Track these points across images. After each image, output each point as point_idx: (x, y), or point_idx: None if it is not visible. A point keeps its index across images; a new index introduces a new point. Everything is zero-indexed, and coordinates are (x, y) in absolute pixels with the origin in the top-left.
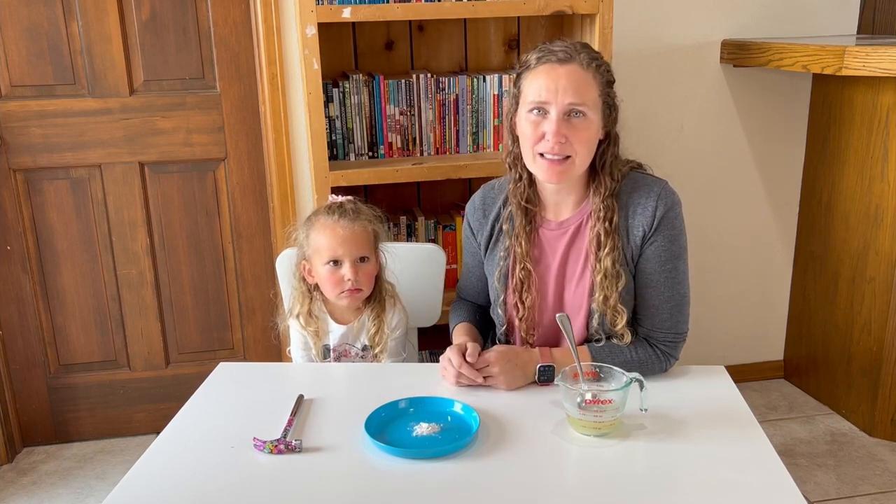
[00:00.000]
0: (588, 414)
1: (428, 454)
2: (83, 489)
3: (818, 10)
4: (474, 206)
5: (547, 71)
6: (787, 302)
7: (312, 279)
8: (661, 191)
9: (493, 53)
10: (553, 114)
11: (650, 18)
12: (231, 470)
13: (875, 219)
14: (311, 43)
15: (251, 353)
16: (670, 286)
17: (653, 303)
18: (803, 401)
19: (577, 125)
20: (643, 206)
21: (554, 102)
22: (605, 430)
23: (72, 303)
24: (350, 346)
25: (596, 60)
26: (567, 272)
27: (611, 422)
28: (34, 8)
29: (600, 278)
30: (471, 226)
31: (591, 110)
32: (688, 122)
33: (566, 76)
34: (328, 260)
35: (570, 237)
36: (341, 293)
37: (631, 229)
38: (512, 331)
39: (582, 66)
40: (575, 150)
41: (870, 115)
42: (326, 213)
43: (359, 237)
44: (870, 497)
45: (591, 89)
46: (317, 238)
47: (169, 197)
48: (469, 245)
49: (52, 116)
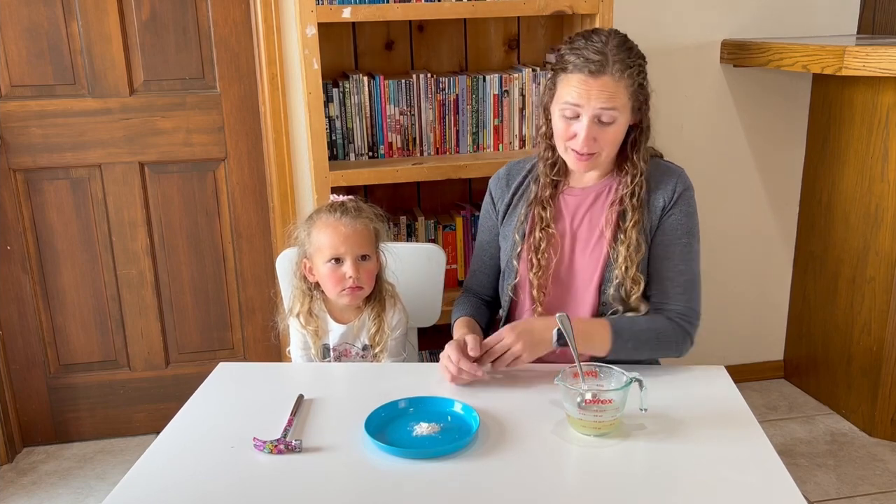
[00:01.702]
0: (588, 414)
1: (428, 454)
2: (83, 489)
3: (818, 10)
4: (499, 176)
5: (580, 81)
6: (787, 302)
7: (313, 277)
8: (681, 173)
9: (493, 53)
10: (584, 119)
11: (650, 18)
12: (231, 470)
13: (875, 219)
14: (311, 43)
15: (251, 353)
16: (685, 260)
17: (668, 275)
18: (803, 401)
19: (606, 129)
20: (664, 184)
21: (586, 107)
22: (604, 429)
23: (72, 303)
24: (350, 345)
25: (630, 68)
26: (582, 236)
27: (610, 421)
28: (34, 8)
29: (625, 248)
30: (492, 195)
31: (621, 114)
32: (688, 122)
33: (598, 87)
34: (330, 258)
35: (590, 203)
36: (342, 291)
37: (652, 202)
38: (520, 290)
39: (614, 77)
40: (602, 148)
41: (870, 115)
42: (328, 212)
43: (360, 235)
44: (870, 497)
45: (622, 96)
46: (318, 236)
47: (169, 197)
48: (486, 219)
49: (52, 116)
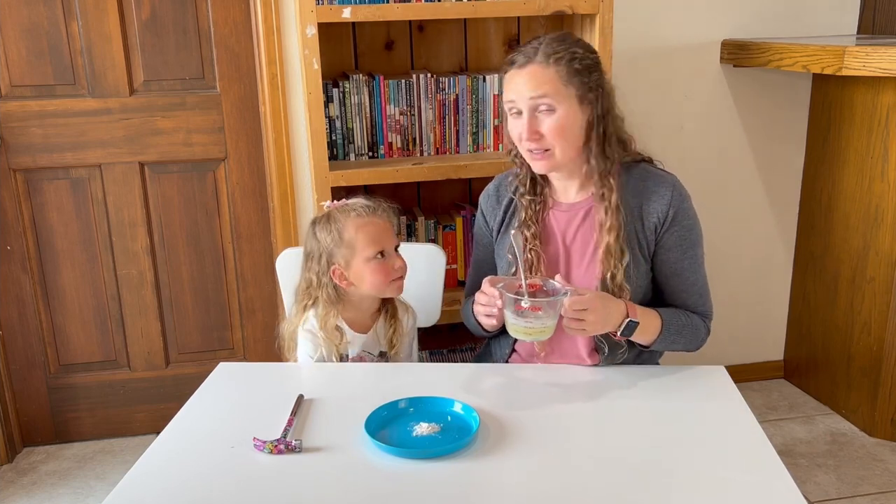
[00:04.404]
0: (520, 320)
1: (428, 454)
2: (83, 489)
3: (818, 10)
4: (488, 193)
5: (511, 77)
6: (787, 302)
7: (347, 283)
8: (675, 182)
9: (493, 53)
10: (524, 114)
11: (650, 18)
12: (231, 470)
13: (875, 219)
14: (311, 43)
15: (251, 353)
16: (694, 270)
17: (681, 288)
18: (803, 401)
19: (546, 120)
20: (659, 195)
21: (519, 100)
22: (534, 334)
23: (72, 303)
24: (368, 353)
25: (556, 53)
26: (576, 254)
27: (541, 328)
28: (34, 8)
29: (602, 254)
30: (483, 213)
31: (559, 102)
32: (688, 122)
33: (525, 77)
34: (376, 253)
35: (581, 220)
36: (392, 282)
37: (645, 214)
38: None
39: (540, 63)
40: (551, 143)
41: (870, 115)
42: (356, 211)
43: (392, 228)
44: (870, 497)
45: (552, 82)
46: (357, 235)
47: (169, 197)
48: (481, 236)
49: (52, 116)
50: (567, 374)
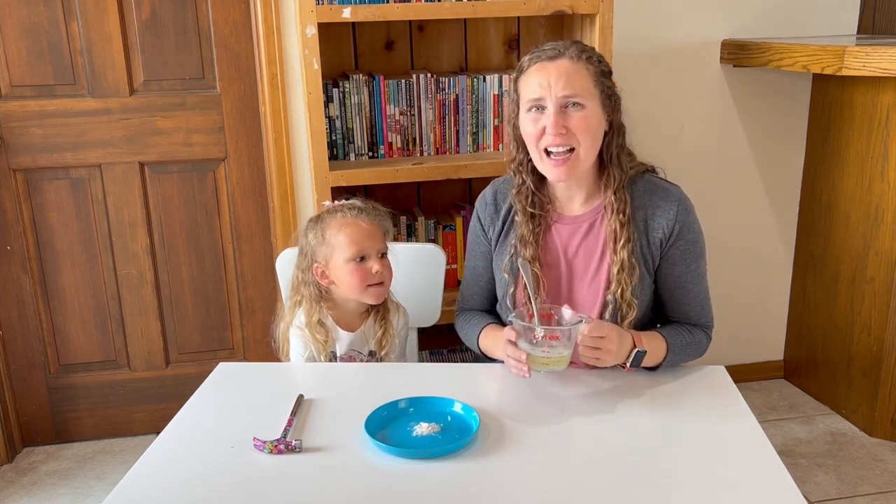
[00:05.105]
0: (537, 350)
1: (428, 454)
2: (83, 489)
3: (818, 10)
4: (486, 201)
5: (539, 69)
6: (787, 302)
7: (327, 282)
8: (680, 195)
9: (493, 53)
10: (550, 107)
11: (650, 18)
12: (231, 470)
13: (875, 219)
14: (311, 43)
15: (251, 353)
16: (697, 283)
17: (684, 301)
18: (803, 401)
19: (575, 115)
20: (664, 209)
21: (549, 96)
22: (552, 365)
23: (72, 303)
24: (356, 352)
25: (586, 52)
26: (579, 268)
27: (558, 358)
28: (34, 8)
29: (616, 270)
30: (481, 221)
31: (587, 100)
32: (688, 122)
33: (556, 70)
34: (355, 256)
35: (584, 233)
36: (368, 288)
37: (651, 229)
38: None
39: (572, 59)
40: (578, 141)
41: (870, 115)
42: (343, 212)
43: (379, 232)
44: (870, 497)
45: (583, 80)
46: (337, 235)
47: (169, 197)
48: (477, 245)
49: (52, 116)
50: (567, 374)
